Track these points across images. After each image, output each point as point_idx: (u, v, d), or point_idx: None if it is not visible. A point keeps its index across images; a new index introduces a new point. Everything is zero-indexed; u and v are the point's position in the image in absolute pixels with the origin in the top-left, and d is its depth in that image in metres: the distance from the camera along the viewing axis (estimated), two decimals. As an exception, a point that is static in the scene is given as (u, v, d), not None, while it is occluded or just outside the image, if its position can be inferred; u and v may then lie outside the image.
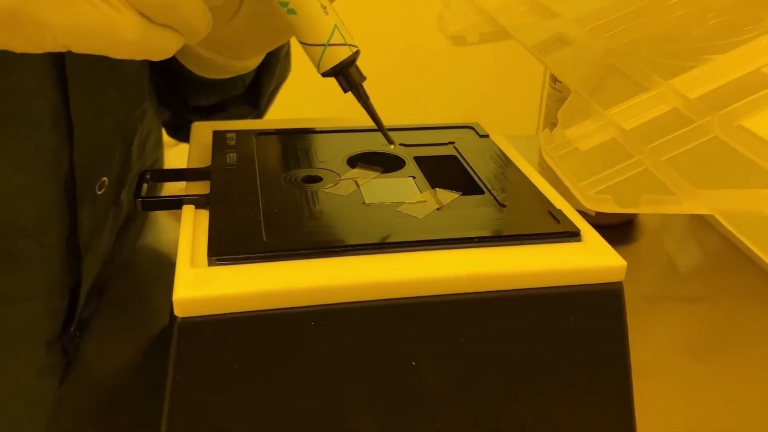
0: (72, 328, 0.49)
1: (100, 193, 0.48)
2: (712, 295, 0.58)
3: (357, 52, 0.36)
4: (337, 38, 0.35)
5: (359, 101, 0.37)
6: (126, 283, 0.57)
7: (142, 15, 0.30)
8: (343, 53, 0.35)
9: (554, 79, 0.67)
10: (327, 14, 0.34)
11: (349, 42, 0.35)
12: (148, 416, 0.33)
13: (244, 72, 0.52)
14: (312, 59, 0.35)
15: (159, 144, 0.60)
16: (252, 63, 0.51)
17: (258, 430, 0.32)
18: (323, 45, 0.35)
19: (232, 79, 0.54)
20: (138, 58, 0.32)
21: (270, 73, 0.57)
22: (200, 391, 0.32)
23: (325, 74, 0.36)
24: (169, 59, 0.35)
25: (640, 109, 0.40)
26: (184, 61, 0.51)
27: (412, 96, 1.42)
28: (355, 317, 0.32)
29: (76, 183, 0.45)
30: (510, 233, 0.35)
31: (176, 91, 0.57)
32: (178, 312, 0.30)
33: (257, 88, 0.58)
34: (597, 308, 0.34)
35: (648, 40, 0.46)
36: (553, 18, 0.53)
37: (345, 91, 0.37)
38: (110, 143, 0.48)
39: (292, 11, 0.34)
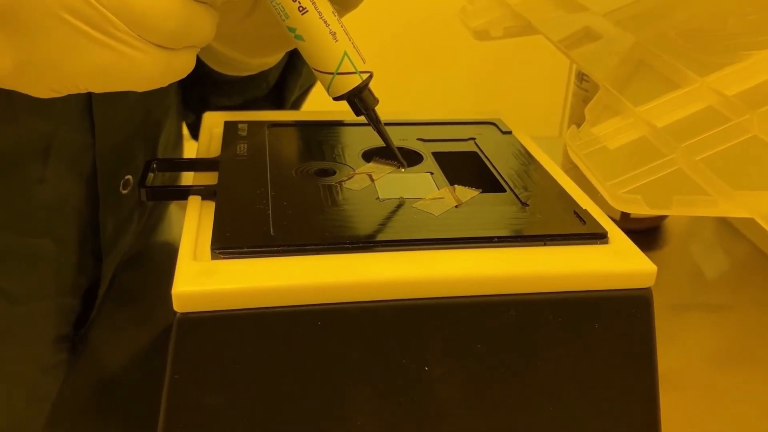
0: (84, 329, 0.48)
1: (125, 192, 0.47)
2: (740, 303, 0.56)
3: (369, 77, 0.34)
4: (346, 66, 0.33)
5: (371, 125, 0.36)
6: (135, 275, 0.55)
7: (161, 46, 0.29)
8: (353, 81, 0.34)
9: (580, 78, 0.65)
10: (336, 41, 0.33)
11: (359, 69, 0.33)
12: (152, 411, 0.31)
13: (263, 69, 0.51)
14: (322, 84, 0.34)
15: (179, 141, 0.59)
16: (271, 60, 0.50)
17: (259, 434, 0.31)
18: (331, 74, 0.33)
19: (254, 79, 0.53)
20: (164, 85, 0.30)
21: (296, 74, 0.55)
22: (199, 390, 0.30)
23: (335, 99, 0.35)
24: None
25: (672, 107, 0.38)
26: (202, 56, 0.50)
27: (433, 94, 1.40)
28: (364, 318, 0.30)
29: (98, 180, 0.44)
30: (532, 233, 0.33)
31: (198, 91, 0.56)
32: (177, 307, 0.29)
33: (283, 89, 0.56)
34: (624, 315, 0.32)
35: (681, 35, 0.44)
36: (581, 12, 0.51)
37: (357, 114, 0.35)
38: (133, 141, 0.47)
39: (299, 38, 0.33)
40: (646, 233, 0.65)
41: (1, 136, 0.39)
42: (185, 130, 0.61)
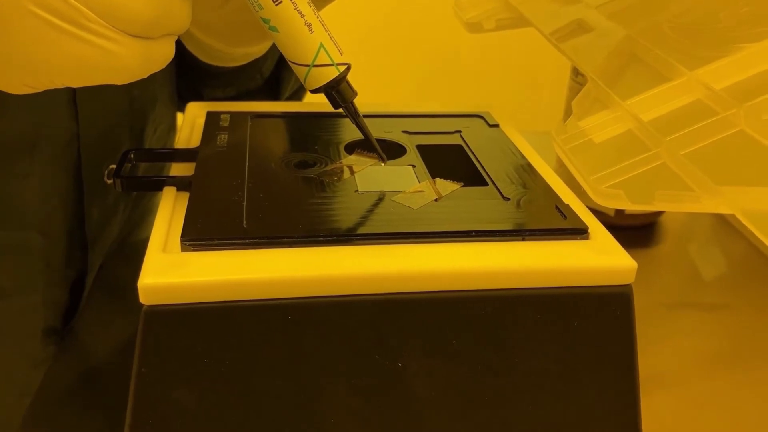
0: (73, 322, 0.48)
1: (110, 182, 0.46)
2: (735, 303, 0.55)
3: (346, 69, 0.33)
4: (322, 59, 0.33)
5: (349, 118, 0.36)
6: (122, 266, 0.55)
7: (137, 36, 0.28)
8: (330, 74, 0.33)
9: (576, 72, 0.64)
10: (312, 32, 0.32)
11: (336, 62, 0.33)
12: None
13: (249, 59, 0.50)
14: (298, 76, 0.34)
15: (171, 131, 0.59)
16: (254, 50, 0.49)
17: (230, 431, 0.30)
18: (307, 66, 0.33)
19: (247, 71, 0.52)
20: (145, 76, 0.30)
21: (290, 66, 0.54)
22: (167, 386, 0.29)
23: (312, 92, 0.34)
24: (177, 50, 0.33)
25: (660, 100, 0.37)
26: (187, 46, 0.49)
27: (430, 86, 1.39)
28: (338, 312, 0.30)
29: (83, 170, 0.44)
30: (511, 228, 0.33)
31: (190, 83, 0.55)
32: (144, 300, 0.28)
33: (278, 82, 0.55)
34: (603, 312, 0.31)
35: (674, 28, 0.43)
36: (574, 4, 0.50)
37: (335, 107, 0.35)
38: (117, 130, 0.47)
39: (274, 29, 0.32)
40: (641, 230, 0.64)
41: None
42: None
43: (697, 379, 0.47)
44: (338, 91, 0.34)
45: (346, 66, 0.33)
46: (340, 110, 0.35)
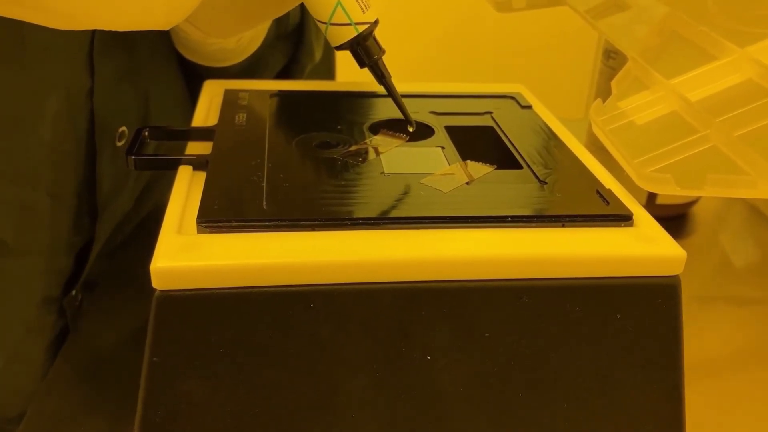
0: (74, 291, 0.47)
1: (120, 144, 0.45)
2: (770, 297, 0.53)
3: (369, 28, 0.33)
4: (339, 17, 0.32)
5: (375, 79, 0.35)
6: (140, 249, 0.53)
7: None
8: (348, 33, 0.32)
9: (607, 56, 0.61)
10: None
11: (356, 21, 0.32)
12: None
13: (225, 63, 0.48)
14: (323, 32, 0.33)
15: (178, 106, 0.57)
16: (231, 47, 0.46)
17: (244, 424, 0.28)
18: (325, 23, 0.32)
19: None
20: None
21: (303, 59, 0.53)
22: (180, 376, 0.27)
23: (336, 49, 0.34)
24: None
25: (707, 79, 0.35)
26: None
27: (450, 73, 1.37)
28: (362, 301, 0.28)
29: (95, 130, 0.43)
30: (549, 213, 0.31)
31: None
32: (157, 284, 0.26)
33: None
34: (648, 305, 0.29)
35: (717, 3, 0.41)
36: (610, -19, 0.48)
37: (360, 66, 0.34)
38: (125, 87, 0.45)
39: None
40: (671, 220, 0.62)
41: (7, 78, 0.37)
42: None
43: (730, 373, 0.46)
44: (363, 48, 0.33)
45: (367, 25, 0.32)
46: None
